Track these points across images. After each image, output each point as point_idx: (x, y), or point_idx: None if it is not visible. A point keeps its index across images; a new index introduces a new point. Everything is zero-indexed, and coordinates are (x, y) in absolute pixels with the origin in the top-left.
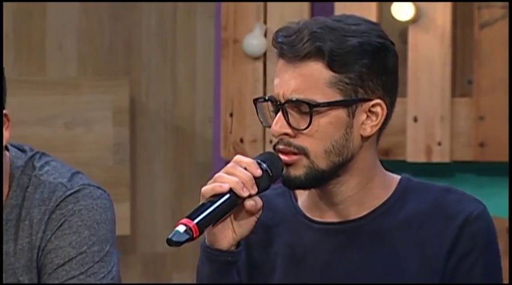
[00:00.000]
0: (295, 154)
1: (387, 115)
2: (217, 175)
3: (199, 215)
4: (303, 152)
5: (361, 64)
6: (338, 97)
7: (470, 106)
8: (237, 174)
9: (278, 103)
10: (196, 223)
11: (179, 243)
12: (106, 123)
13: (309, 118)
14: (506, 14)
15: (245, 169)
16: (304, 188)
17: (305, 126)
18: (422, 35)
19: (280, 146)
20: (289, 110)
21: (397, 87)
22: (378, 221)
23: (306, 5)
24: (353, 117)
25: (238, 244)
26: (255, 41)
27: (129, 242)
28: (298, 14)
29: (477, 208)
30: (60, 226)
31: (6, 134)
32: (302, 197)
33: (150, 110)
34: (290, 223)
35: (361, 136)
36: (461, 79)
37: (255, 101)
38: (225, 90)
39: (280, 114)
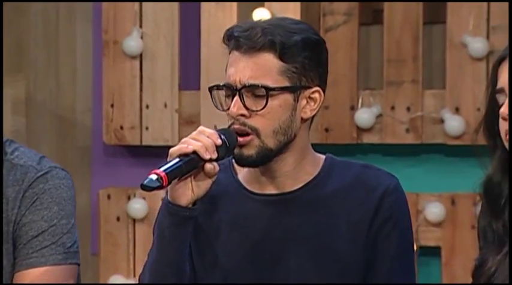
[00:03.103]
0: (248, 134)
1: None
2: (183, 139)
3: (169, 168)
4: (255, 132)
5: (304, 56)
6: (286, 83)
7: None
8: (201, 140)
9: (234, 88)
10: (166, 174)
11: (151, 189)
12: (6, 113)
13: (264, 101)
14: (347, 19)
15: (208, 137)
16: (254, 165)
17: (261, 108)
18: None
19: (236, 126)
20: (245, 94)
21: (327, 78)
22: (310, 192)
23: (176, 5)
24: (297, 101)
25: (194, 203)
26: (133, 43)
27: None
28: (169, 16)
29: (393, 182)
30: (33, 202)
31: None
32: (242, 172)
33: (37, 101)
34: (232, 195)
35: (302, 118)
36: None
37: (210, 89)
38: (106, 84)
39: (237, 97)
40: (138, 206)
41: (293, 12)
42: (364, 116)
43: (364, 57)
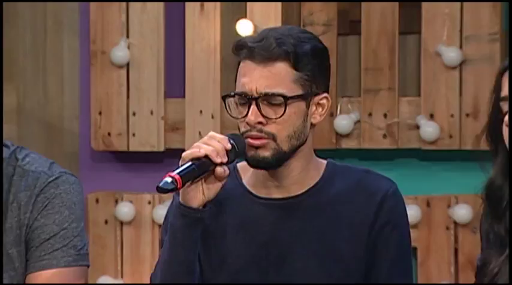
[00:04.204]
0: (264, 138)
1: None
2: (195, 144)
3: (183, 171)
4: (271, 137)
5: (313, 64)
6: (300, 91)
7: None
8: (212, 144)
9: (250, 97)
10: (181, 176)
11: (166, 191)
12: None
13: (281, 109)
14: (326, 30)
15: (218, 142)
16: (268, 167)
17: (279, 115)
18: None
19: (253, 133)
20: (261, 103)
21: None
22: (313, 197)
23: (161, 16)
24: (308, 107)
25: (205, 205)
26: (120, 53)
27: None
28: (155, 27)
29: (391, 187)
30: (45, 207)
31: None
32: (246, 176)
33: (26, 110)
34: (238, 198)
35: (312, 123)
36: None
37: (224, 97)
38: (94, 92)
39: (254, 106)
40: (125, 209)
41: (274, 22)
42: (343, 122)
43: (343, 66)
